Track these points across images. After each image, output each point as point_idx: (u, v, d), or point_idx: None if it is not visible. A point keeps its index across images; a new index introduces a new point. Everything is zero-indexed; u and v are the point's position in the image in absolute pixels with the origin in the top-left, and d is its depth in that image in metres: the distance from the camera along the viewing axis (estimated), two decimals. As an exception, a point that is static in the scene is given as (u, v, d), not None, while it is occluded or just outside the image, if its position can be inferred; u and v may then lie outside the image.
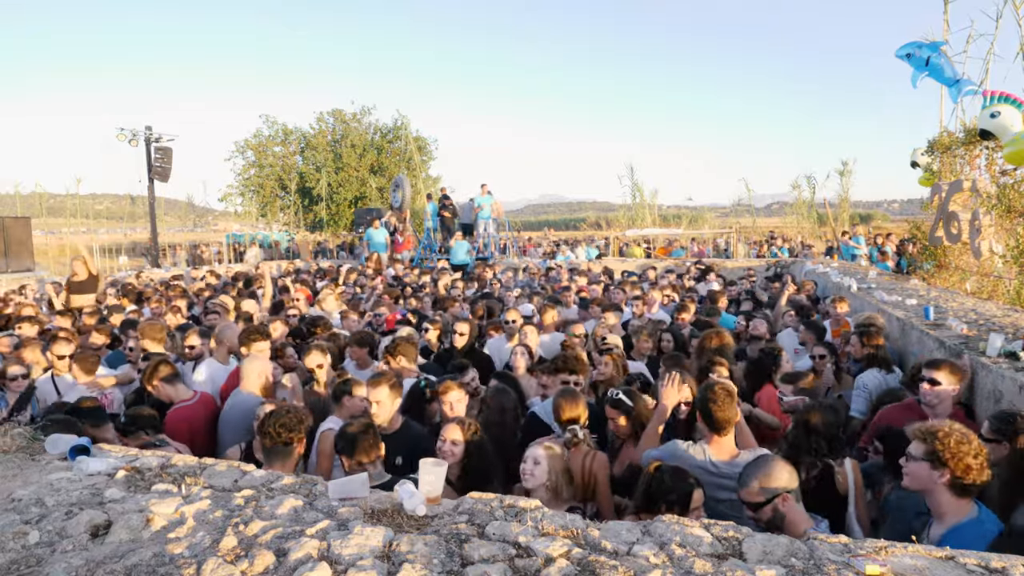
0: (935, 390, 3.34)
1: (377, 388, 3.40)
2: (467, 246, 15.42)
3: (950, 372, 3.38)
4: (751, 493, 2.37)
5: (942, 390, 3.33)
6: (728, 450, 2.90)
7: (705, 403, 2.90)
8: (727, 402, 2.87)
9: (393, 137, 30.91)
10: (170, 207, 58.56)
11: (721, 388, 2.93)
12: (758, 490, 2.35)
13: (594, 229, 34.41)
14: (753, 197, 31.88)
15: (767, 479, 2.36)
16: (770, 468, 2.40)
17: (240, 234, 25.32)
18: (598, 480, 3.04)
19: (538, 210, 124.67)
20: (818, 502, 2.76)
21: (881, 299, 6.75)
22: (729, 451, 2.90)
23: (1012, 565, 1.54)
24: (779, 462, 2.45)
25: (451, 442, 2.99)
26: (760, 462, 2.48)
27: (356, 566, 1.52)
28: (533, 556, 1.59)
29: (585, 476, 3.03)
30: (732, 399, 2.90)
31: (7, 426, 2.58)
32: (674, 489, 2.52)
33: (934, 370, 3.38)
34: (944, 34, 9.28)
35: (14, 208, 40.98)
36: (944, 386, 3.34)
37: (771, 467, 2.41)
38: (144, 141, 18.37)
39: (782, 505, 2.32)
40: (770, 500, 2.33)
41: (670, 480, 2.56)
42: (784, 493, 2.33)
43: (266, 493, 2.02)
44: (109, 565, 1.56)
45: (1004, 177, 7.82)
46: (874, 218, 44.20)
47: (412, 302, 8.54)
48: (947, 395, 3.34)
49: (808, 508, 2.55)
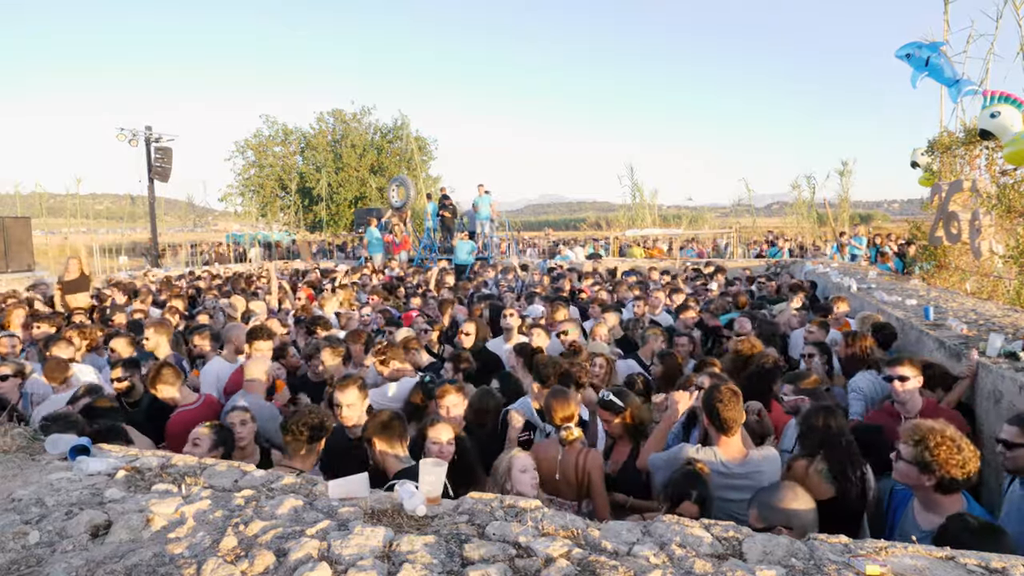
0: (905, 387, 3.44)
1: (346, 391, 3.39)
2: (469, 246, 15.43)
3: (911, 365, 3.49)
4: (752, 517, 2.28)
5: (911, 385, 3.44)
6: (737, 450, 2.90)
7: (712, 404, 2.89)
8: (733, 402, 2.87)
9: (393, 137, 30.93)
10: (170, 207, 58.58)
11: (727, 388, 2.93)
12: (756, 516, 2.26)
13: (594, 229, 34.41)
14: (753, 197, 31.90)
15: (780, 503, 2.25)
16: (780, 497, 2.28)
17: (240, 234, 25.33)
18: (592, 478, 3.07)
19: (538, 210, 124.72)
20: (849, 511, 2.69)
21: (881, 299, 6.75)
22: (738, 451, 2.90)
23: (1012, 565, 1.54)
24: (793, 491, 2.30)
25: (447, 443, 2.99)
26: (774, 489, 2.37)
27: (356, 566, 1.52)
28: (533, 556, 1.59)
29: (579, 474, 3.05)
30: (738, 399, 2.91)
31: (7, 426, 2.58)
32: (694, 487, 2.56)
33: (897, 367, 3.49)
34: (944, 34, 9.27)
35: (14, 208, 40.97)
36: (911, 380, 3.44)
37: (782, 496, 2.28)
38: (144, 141, 18.39)
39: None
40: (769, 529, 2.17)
41: (680, 478, 2.63)
42: (782, 526, 2.16)
43: (266, 493, 2.01)
44: (109, 565, 1.56)
45: (1004, 177, 7.82)
46: (874, 218, 44.19)
47: (415, 301, 8.56)
48: (915, 389, 3.45)
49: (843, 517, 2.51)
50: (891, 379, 3.49)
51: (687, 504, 2.51)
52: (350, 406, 3.37)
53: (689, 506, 2.49)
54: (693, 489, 2.56)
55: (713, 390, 2.94)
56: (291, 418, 3.01)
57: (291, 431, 2.95)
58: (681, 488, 2.58)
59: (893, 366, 3.52)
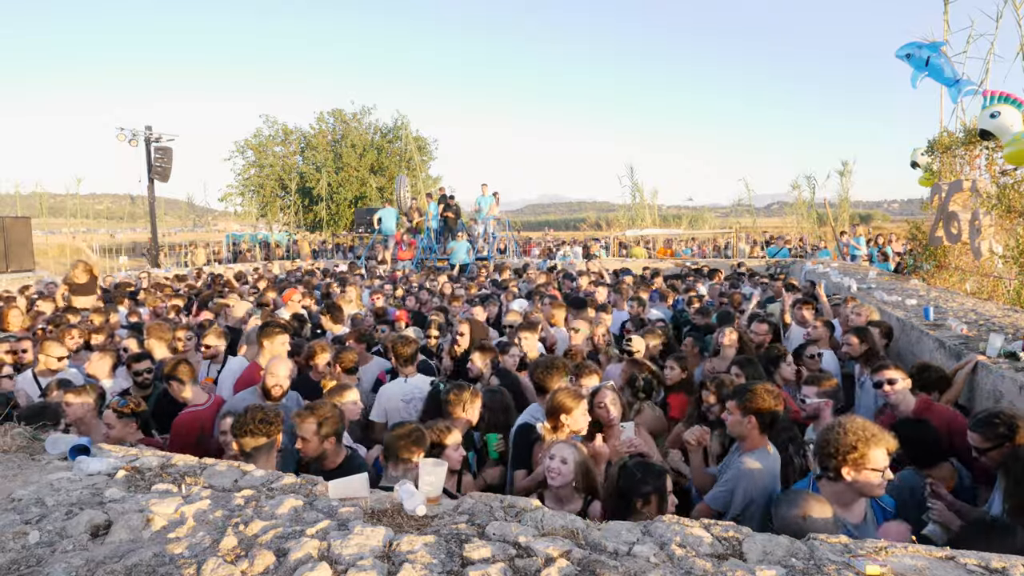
0: (895, 389, 3.49)
1: (305, 422, 3.05)
2: (467, 246, 15.44)
3: (895, 369, 3.56)
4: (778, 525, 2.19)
5: (900, 386, 3.49)
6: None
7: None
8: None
9: (393, 137, 30.90)
10: (170, 207, 58.61)
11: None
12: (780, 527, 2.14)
13: (594, 229, 34.40)
14: (753, 197, 31.89)
15: (802, 512, 2.18)
16: (802, 506, 2.20)
17: (240, 234, 25.31)
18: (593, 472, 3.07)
19: (538, 210, 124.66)
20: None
21: (881, 299, 6.75)
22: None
23: (1012, 565, 1.54)
24: (812, 500, 2.22)
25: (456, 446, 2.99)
26: (792, 496, 2.31)
27: (356, 566, 1.52)
28: (533, 556, 1.59)
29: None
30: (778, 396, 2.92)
31: (7, 426, 2.58)
32: (647, 481, 2.50)
33: (884, 371, 3.55)
34: (944, 34, 9.27)
35: (14, 208, 41.01)
36: (899, 382, 3.50)
37: (804, 505, 2.20)
38: (144, 141, 18.35)
39: None
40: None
41: (641, 474, 2.54)
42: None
43: (266, 493, 2.01)
44: (109, 565, 1.56)
45: (1004, 177, 7.82)
46: (874, 218, 44.21)
47: (411, 301, 8.58)
48: (905, 390, 3.51)
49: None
50: (880, 385, 3.53)
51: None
52: (305, 440, 3.06)
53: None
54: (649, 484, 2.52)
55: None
56: (245, 417, 2.87)
57: (250, 431, 2.83)
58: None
59: (878, 373, 3.57)
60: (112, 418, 3.39)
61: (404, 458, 2.74)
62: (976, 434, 2.73)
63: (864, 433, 2.33)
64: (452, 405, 3.44)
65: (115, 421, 3.39)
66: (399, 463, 2.75)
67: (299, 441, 3.08)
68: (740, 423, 2.88)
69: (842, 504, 2.37)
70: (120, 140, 17.81)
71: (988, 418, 2.74)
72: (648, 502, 2.48)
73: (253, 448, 2.82)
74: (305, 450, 3.09)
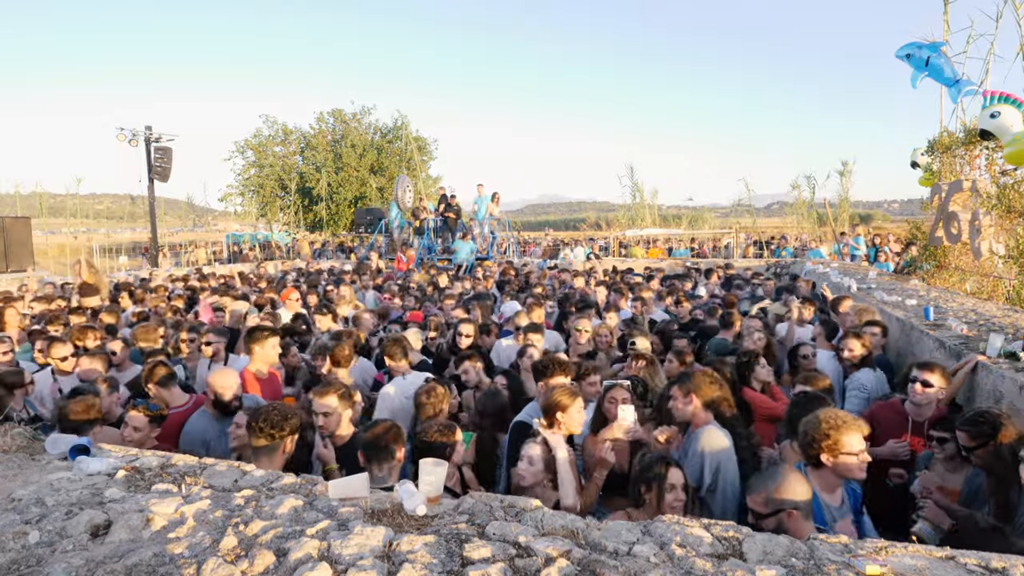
0: (926, 392, 3.41)
1: (324, 397, 3.27)
2: (470, 247, 15.48)
3: (941, 375, 3.46)
4: (756, 502, 2.28)
5: (933, 392, 3.40)
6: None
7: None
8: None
9: (393, 137, 30.91)
10: (170, 207, 58.61)
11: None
12: (763, 500, 2.25)
13: (594, 229, 34.41)
14: (753, 197, 31.92)
15: (777, 490, 2.24)
16: (782, 479, 2.28)
17: (240, 234, 25.31)
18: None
19: (538, 210, 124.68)
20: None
21: (881, 299, 6.74)
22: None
23: (1012, 565, 1.55)
24: (794, 475, 2.32)
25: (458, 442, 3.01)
26: (773, 472, 2.37)
27: (356, 566, 1.52)
28: (533, 556, 1.59)
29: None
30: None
31: (7, 426, 2.58)
32: (650, 467, 2.62)
33: (927, 372, 3.45)
34: (944, 34, 9.27)
35: (14, 208, 41.03)
36: (935, 388, 3.41)
37: (783, 478, 2.28)
38: (144, 141, 18.35)
39: (788, 520, 2.19)
40: (775, 513, 2.22)
41: (647, 462, 2.68)
42: (791, 509, 2.19)
43: (266, 493, 2.01)
44: (109, 565, 1.56)
45: (1004, 177, 7.82)
46: (874, 218, 44.23)
47: (410, 300, 8.60)
48: (934, 397, 3.43)
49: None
50: (915, 380, 3.45)
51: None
52: (327, 415, 3.25)
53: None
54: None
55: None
56: (255, 416, 2.86)
57: (255, 430, 2.81)
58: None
59: (924, 370, 3.47)
60: (142, 421, 3.34)
61: (387, 457, 2.75)
62: (963, 433, 2.74)
63: (835, 421, 2.52)
64: (423, 408, 3.54)
65: (145, 425, 3.33)
66: (383, 463, 2.73)
67: (320, 418, 3.27)
68: (685, 406, 3.10)
69: (827, 489, 2.55)
70: (120, 140, 17.81)
71: (974, 417, 2.75)
72: (650, 489, 2.60)
73: (255, 448, 2.82)
74: (327, 425, 3.26)
